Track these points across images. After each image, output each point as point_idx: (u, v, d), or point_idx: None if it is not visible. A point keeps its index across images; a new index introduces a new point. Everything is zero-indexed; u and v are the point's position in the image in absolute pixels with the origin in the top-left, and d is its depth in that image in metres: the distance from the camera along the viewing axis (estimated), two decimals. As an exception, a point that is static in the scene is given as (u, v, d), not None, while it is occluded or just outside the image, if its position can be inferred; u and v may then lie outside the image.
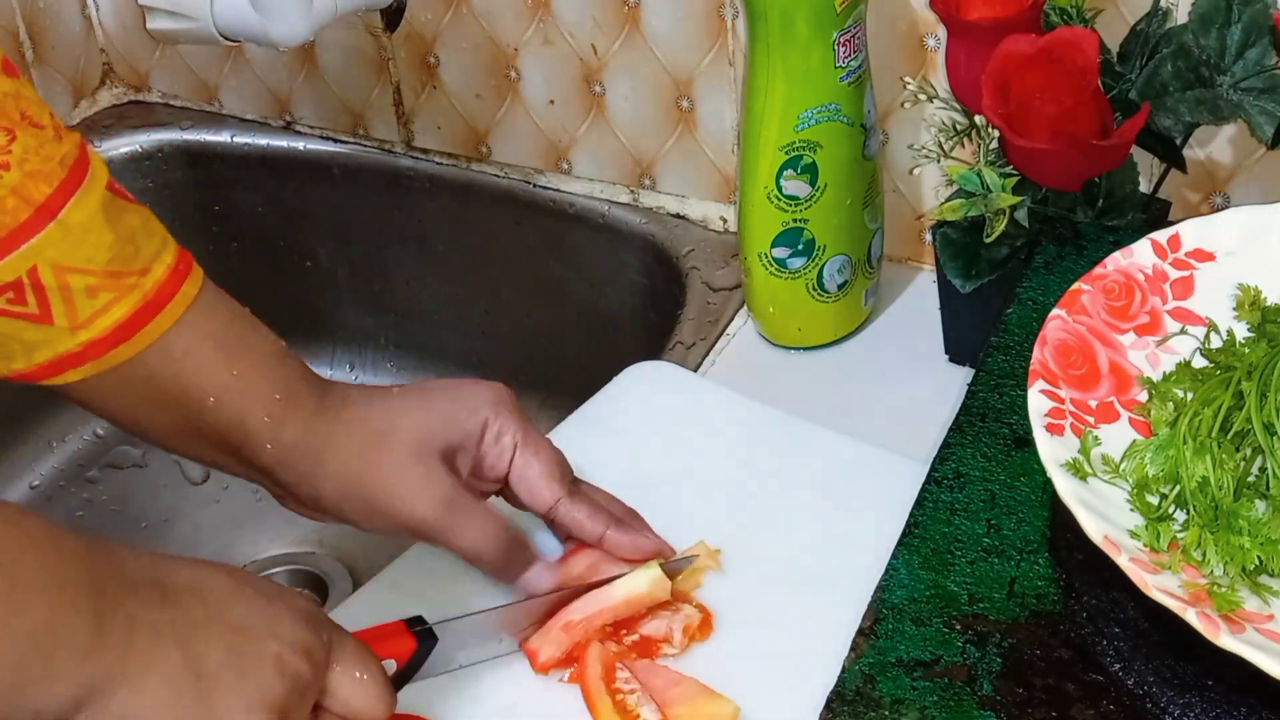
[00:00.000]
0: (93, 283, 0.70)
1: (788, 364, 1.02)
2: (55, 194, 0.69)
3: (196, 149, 1.36)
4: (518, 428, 0.77)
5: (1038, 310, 0.78)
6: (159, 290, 0.72)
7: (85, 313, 0.71)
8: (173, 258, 0.74)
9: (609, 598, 0.75)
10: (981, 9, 0.87)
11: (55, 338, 0.71)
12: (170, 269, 0.73)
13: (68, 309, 0.70)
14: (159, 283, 0.72)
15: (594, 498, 0.79)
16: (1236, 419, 0.64)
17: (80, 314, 0.71)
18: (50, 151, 0.69)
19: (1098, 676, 0.62)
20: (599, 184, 1.21)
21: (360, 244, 1.33)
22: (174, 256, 0.74)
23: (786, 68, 0.91)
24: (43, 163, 0.69)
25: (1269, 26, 0.83)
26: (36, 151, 0.69)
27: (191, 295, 0.74)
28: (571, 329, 1.25)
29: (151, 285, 0.72)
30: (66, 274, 0.70)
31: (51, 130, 0.70)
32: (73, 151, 0.71)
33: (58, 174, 0.70)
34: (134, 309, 0.72)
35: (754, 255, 0.99)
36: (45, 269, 0.69)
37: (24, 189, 0.68)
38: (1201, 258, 0.73)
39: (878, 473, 0.84)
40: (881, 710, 0.62)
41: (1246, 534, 0.61)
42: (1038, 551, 0.68)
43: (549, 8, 1.13)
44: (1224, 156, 0.95)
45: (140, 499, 1.28)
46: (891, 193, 1.05)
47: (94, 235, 0.70)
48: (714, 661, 0.74)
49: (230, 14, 1.07)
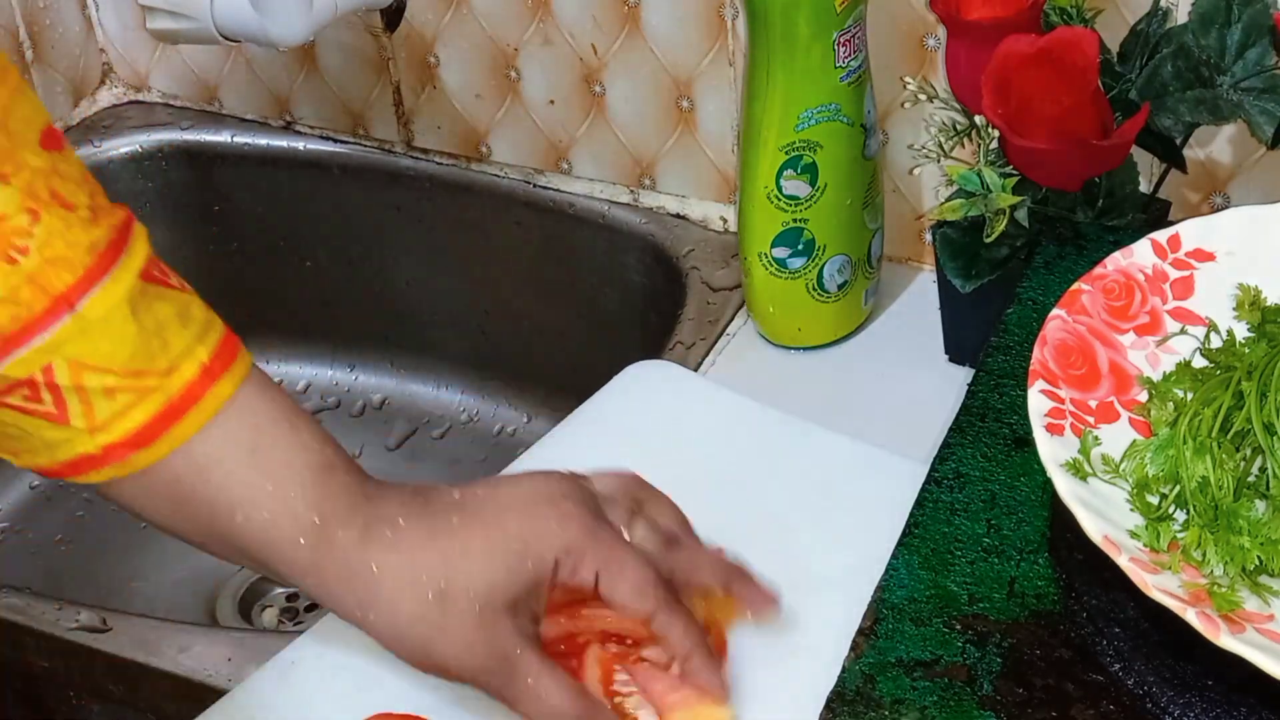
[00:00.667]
0: (111, 383, 0.64)
1: (788, 364, 1.02)
2: (77, 284, 0.63)
3: (196, 149, 1.36)
4: (595, 557, 0.70)
5: (1038, 310, 0.78)
6: (185, 392, 0.66)
7: (103, 415, 0.65)
8: (209, 353, 0.67)
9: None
10: (981, 9, 0.87)
11: (74, 438, 0.65)
12: (202, 367, 0.66)
13: (85, 410, 0.65)
14: (186, 384, 0.66)
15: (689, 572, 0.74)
16: (1236, 419, 0.64)
17: (98, 416, 0.65)
18: (77, 237, 0.64)
19: (1098, 676, 0.62)
20: (599, 184, 1.21)
21: (360, 244, 1.33)
22: (210, 352, 0.67)
23: (786, 68, 0.91)
24: (67, 249, 0.63)
25: (1269, 26, 0.83)
26: (62, 236, 0.63)
27: (225, 396, 0.67)
28: (571, 329, 1.25)
29: (178, 387, 0.66)
30: (83, 372, 0.64)
31: (86, 211, 0.64)
32: (105, 236, 0.65)
33: (83, 261, 0.64)
34: (155, 413, 0.65)
35: (754, 255, 0.99)
36: (61, 366, 0.64)
37: (42, 277, 0.63)
38: (1201, 258, 0.73)
39: (878, 473, 0.84)
40: (881, 710, 0.62)
41: (1246, 534, 0.61)
42: (1038, 551, 0.68)
43: (549, 8, 1.14)
44: (1224, 156, 0.95)
45: (140, 499, 1.28)
46: (891, 193, 1.05)
47: (115, 330, 0.64)
48: (714, 661, 0.74)
49: (230, 14, 1.07)
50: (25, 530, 1.26)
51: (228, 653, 0.85)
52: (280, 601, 1.20)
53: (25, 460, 0.67)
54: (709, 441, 0.89)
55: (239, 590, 1.20)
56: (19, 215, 0.62)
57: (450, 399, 1.34)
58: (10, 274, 0.62)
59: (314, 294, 1.37)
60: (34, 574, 1.20)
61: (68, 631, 0.88)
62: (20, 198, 0.62)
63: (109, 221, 0.65)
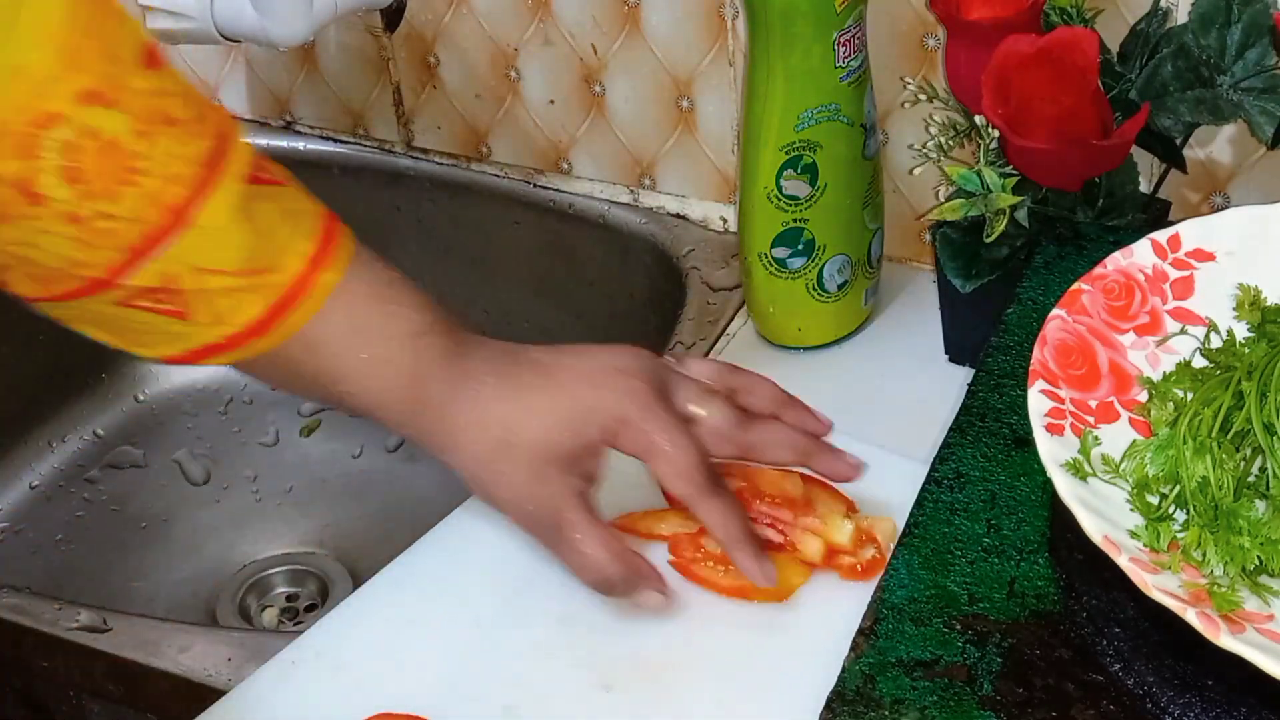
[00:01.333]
0: (229, 283, 0.71)
1: (788, 364, 1.02)
2: (191, 196, 0.69)
3: (196, 149, 1.35)
4: (643, 431, 0.74)
5: (1038, 310, 0.78)
6: (294, 285, 0.72)
7: (224, 310, 0.71)
8: (313, 245, 0.73)
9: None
10: (981, 9, 0.87)
11: (198, 331, 0.72)
12: (308, 259, 0.73)
13: (208, 306, 0.71)
14: (295, 277, 0.72)
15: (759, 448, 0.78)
16: (1236, 419, 0.64)
17: (220, 311, 0.71)
18: (185, 151, 0.69)
19: (1098, 676, 0.62)
20: (599, 184, 1.21)
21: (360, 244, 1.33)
22: (314, 242, 0.73)
23: (786, 68, 0.91)
24: (178, 164, 0.68)
25: (1269, 26, 0.83)
26: (170, 152, 0.68)
27: (330, 284, 0.73)
28: (571, 329, 1.25)
29: (288, 280, 0.72)
30: (204, 275, 0.70)
31: (192, 124, 0.69)
32: (209, 146, 0.70)
33: (194, 175, 0.69)
34: (270, 305, 0.72)
35: (754, 255, 0.99)
36: (185, 272, 0.70)
37: (160, 194, 0.68)
38: (1201, 258, 0.73)
39: (878, 472, 0.84)
40: (881, 710, 0.62)
41: (1246, 534, 0.61)
42: (1038, 551, 0.68)
43: (549, 8, 1.14)
44: (1224, 156, 0.95)
45: (140, 499, 1.28)
46: (891, 193, 1.05)
47: (228, 235, 0.70)
48: (713, 661, 0.74)
49: (230, 14, 1.07)
50: (25, 530, 1.26)
51: (228, 653, 0.85)
52: (280, 601, 1.21)
53: (149, 351, 0.73)
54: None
55: (239, 590, 1.20)
56: (132, 139, 0.67)
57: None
58: (131, 194, 0.67)
59: (314, 294, 1.37)
60: (34, 574, 1.20)
61: (68, 631, 0.88)
62: (131, 121, 0.67)
63: (211, 129, 0.71)
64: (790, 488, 0.80)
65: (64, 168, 0.65)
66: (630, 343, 1.16)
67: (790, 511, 0.79)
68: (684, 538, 0.79)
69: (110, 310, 0.70)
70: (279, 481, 1.29)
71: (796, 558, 0.78)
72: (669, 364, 0.79)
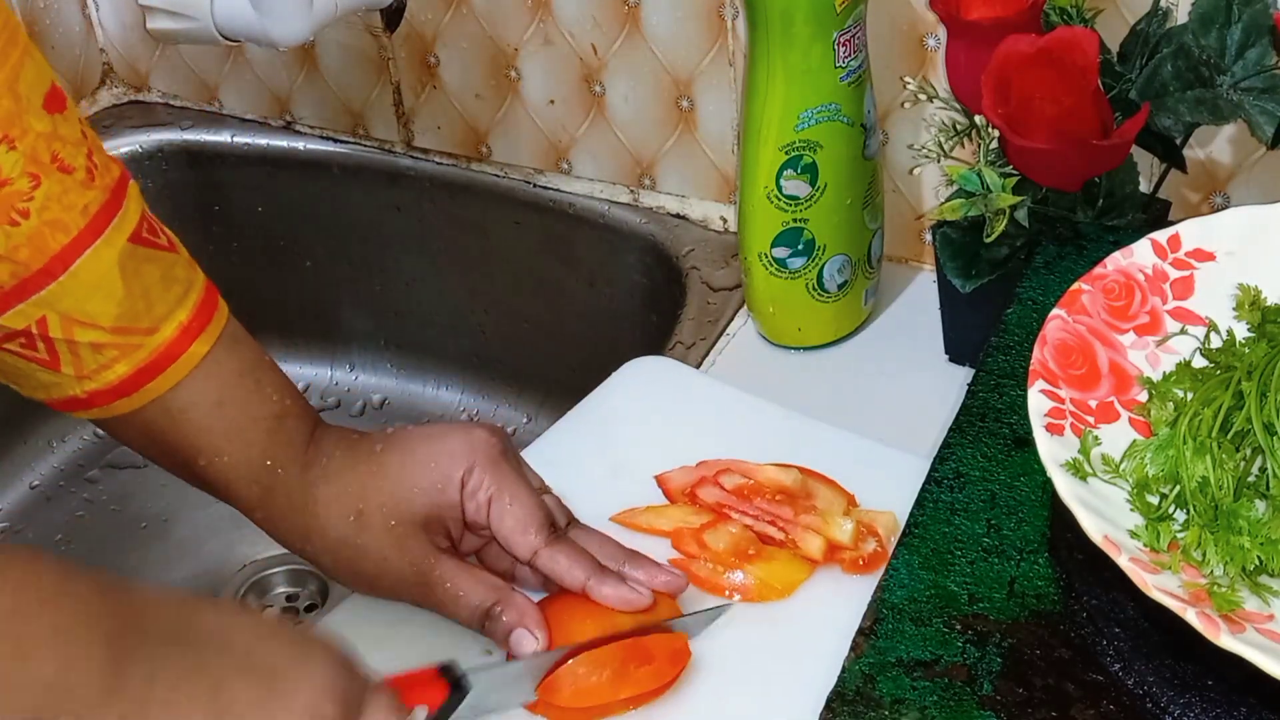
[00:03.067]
0: (98, 338, 0.71)
1: (788, 364, 1.02)
2: (71, 245, 0.69)
3: (196, 149, 1.36)
4: (492, 481, 0.74)
5: (1038, 310, 0.78)
6: (164, 350, 0.72)
7: (90, 366, 0.71)
8: (188, 314, 0.73)
9: None
10: (981, 9, 0.87)
11: (64, 382, 0.72)
12: (181, 327, 0.73)
13: (74, 360, 0.71)
14: (166, 342, 0.72)
15: (580, 544, 0.76)
16: (1236, 419, 0.64)
17: (86, 366, 0.71)
18: (74, 200, 0.68)
19: (1098, 676, 0.62)
20: (599, 184, 1.21)
21: (360, 244, 1.33)
22: (190, 312, 0.73)
23: (786, 68, 0.91)
24: (63, 211, 0.68)
25: (1269, 26, 0.83)
26: (59, 199, 0.68)
27: (200, 355, 0.73)
28: (571, 329, 1.25)
29: (158, 345, 0.72)
30: (74, 327, 0.70)
31: (83, 173, 0.69)
32: (99, 198, 0.70)
33: (77, 224, 0.69)
34: (136, 368, 0.72)
35: (754, 255, 0.99)
36: (54, 320, 0.69)
37: (40, 238, 0.68)
38: (1201, 258, 0.73)
39: (877, 467, 0.84)
40: (881, 710, 0.62)
41: (1246, 534, 0.61)
42: (1038, 551, 0.68)
43: (549, 8, 1.14)
44: (1224, 156, 0.95)
45: (140, 499, 1.28)
46: (891, 193, 1.05)
47: (105, 289, 0.70)
48: (712, 660, 0.74)
49: (230, 14, 1.07)
50: (25, 530, 1.26)
51: (228, 653, 0.84)
52: (280, 601, 1.21)
53: (26, 392, 0.74)
54: (709, 435, 0.89)
55: (239, 590, 1.20)
56: (21, 179, 0.66)
57: (450, 399, 1.34)
58: (11, 234, 0.67)
59: (314, 294, 1.37)
60: (34, 574, 1.19)
61: (68, 631, 0.88)
62: (24, 162, 0.66)
63: (103, 183, 0.70)
64: (789, 482, 0.80)
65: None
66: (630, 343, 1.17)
67: (790, 509, 0.79)
68: (686, 532, 0.79)
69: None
70: (279, 481, 1.29)
71: (798, 554, 0.78)
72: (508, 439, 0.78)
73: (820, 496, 0.80)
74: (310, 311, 1.37)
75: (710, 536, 0.78)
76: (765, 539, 0.79)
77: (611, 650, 0.71)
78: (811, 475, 0.82)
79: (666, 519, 0.81)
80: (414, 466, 0.74)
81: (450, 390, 1.35)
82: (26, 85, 0.67)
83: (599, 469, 0.84)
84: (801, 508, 0.79)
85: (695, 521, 0.80)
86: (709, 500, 0.81)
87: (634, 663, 0.71)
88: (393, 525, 0.73)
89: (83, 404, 0.73)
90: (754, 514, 0.79)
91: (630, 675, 0.71)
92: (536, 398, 1.30)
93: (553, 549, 0.74)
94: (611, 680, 0.70)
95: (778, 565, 0.77)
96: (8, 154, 0.66)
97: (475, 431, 0.75)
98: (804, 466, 0.82)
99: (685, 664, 0.72)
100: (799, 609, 0.77)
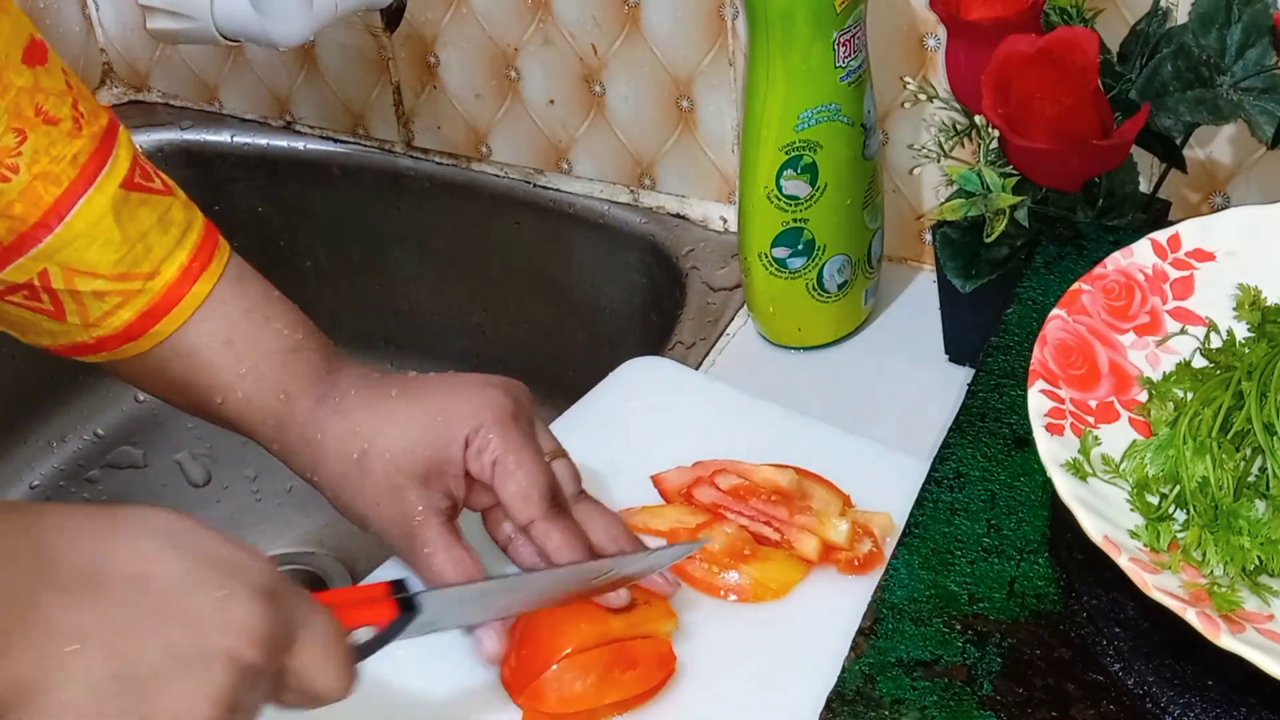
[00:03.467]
0: (100, 286, 0.71)
1: (788, 364, 1.02)
2: (64, 196, 0.69)
3: (196, 149, 1.36)
4: (499, 443, 0.73)
5: (1038, 310, 0.78)
6: (167, 293, 0.73)
7: (95, 313, 0.72)
8: (188, 254, 0.74)
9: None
10: (981, 9, 0.87)
11: (71, 330, 0.73)
12: (181, 269, 0.73)
13: (79, 308, 0.72)
14: (167, 285, 0.73)
15: (584, 520, 0.75)
16: (1236, 419, 0.64)
17: (90, 314, 0.72)
18: (61, 151, 0.69)
19: (1098, 676, 0.62)
20: (599, 184, 1.21)
21: (360, 244, 1.33)
22: (189, 253, 0.74)
23: (786, 68, 0.91)
24: (52, 163, 0.69)
25: (1269, 26, 0.83)
26: (47, 151, 0.68)
27: (203, 294, 0.74)
28: (571, 329, 1.25)
29: (159, 288, 0.73)
30: (75, 277, 0.70)
31: (70, 123, 0.69)
32: (89, 146, 0.70)
33: (67, 174, 0.69)
34: (140, 312, 0.73)
35: (754, 255, 0.99)
36: (55, 272, 0.70)
37: (33, 192, 0.68)
38: (1201, 258, 0.73)
39: (875, 466, 0.84)
40: (881, 710, 0.62)
41: (1246, 534, 0.61)
42: (1038, 551, 0.68)
43: (549, 8, 1.13)
44: (1224, 156, 0.95)
45: (140, 499, 1.28)
46: (891, 193, 1.05)
47: (102, 238, 0.70)
48: (712, 660, 0.74)
49: (230, 14, 1.07)
50: (25, 530, 1.25)
51: (228, 653, 0.84)
52: (280, 601, 1.20)
53: (30, 340, 0.74)
54: (706, 435, 0.89)
55: (239, 590, 1.20)
56: (7, 135, 0.67)
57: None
58: (4, 191, 0.67)
59: (314, 294, 1.36)
60: (34, 574, 1.19)
61: (67, 631, 0.88)
62: (7, 118, 0.67)
63: (91, 131, 0.71)
64: (785, 483, 0.80)
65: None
66: (630, 343, 1.17)
67: (786, 509, 0.79)
68: (682, 533, 0.79)
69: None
70: (279, 481, 1.28)
71: (793, 555, 0.78)
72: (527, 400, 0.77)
73: (816, 497, 0.80)
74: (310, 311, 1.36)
75: (706, 535, 0.78)
76: (761, 539, 0.78)
77: (596, 655, 0.71)
78: (807, 476, 0.82)
79: (662, 519, 0.81)
80: (421, 418, 0.73)
81: (450, 390, 1.34)
82: (4, 40, 0.67)
83: (595, 469, 0.84)
84: (797, 508, 0.79)
85: (691, 522, 0.80)
86: (705, 500, 0.81)
87: (619, 667, 0.71)
88: (391, 473, 0.73)
89: (90, 348, 0.73)
90: (749, 514, 0.79)
91: (615, 680, 0.70)
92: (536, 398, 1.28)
93: (549, 523, 0.73)
94: (596, 685, 0.70)
95: (773, 566, 0.77)
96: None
97: (489, 390, 0.74)
98: (799, 467, 0.82)
99: (672, 669, 0.72)
100: (794, 609, 0.77)
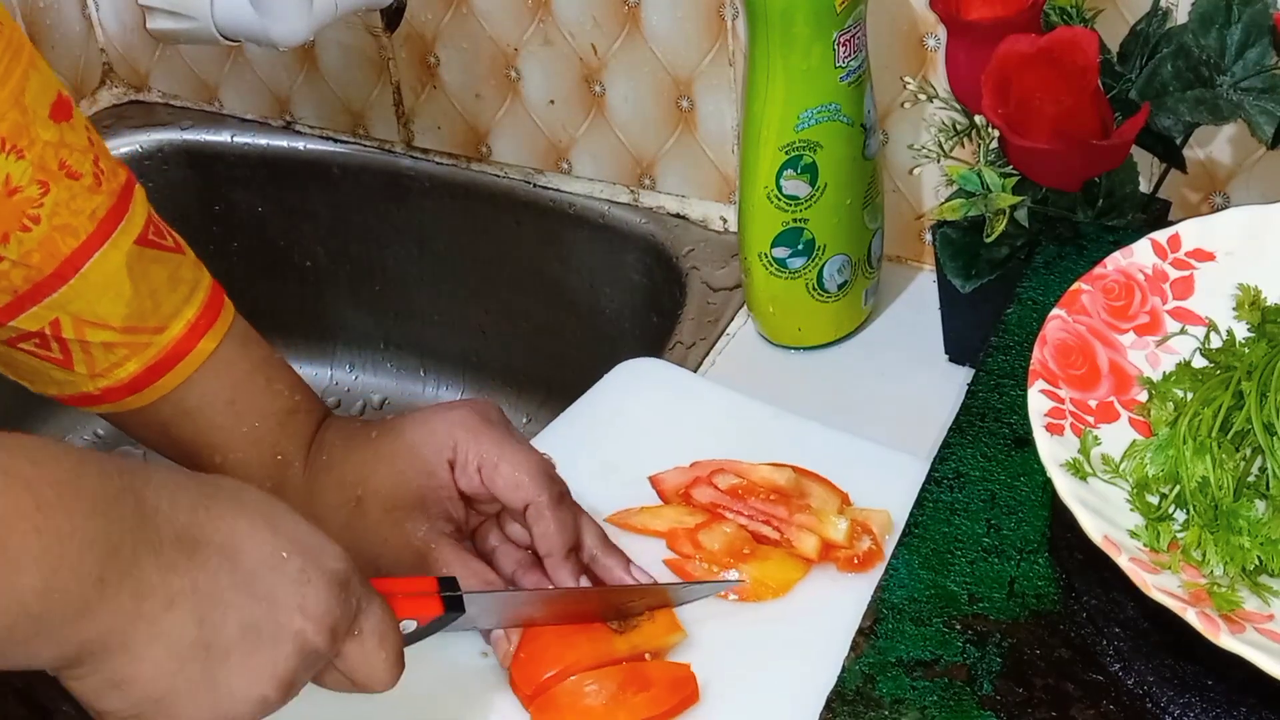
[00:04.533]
0: (109, 338, 0.73)
1: (788, 364, 1.02)
2: (80, 249, 0.71)
3: (196, 149, 1.36)
4: (477, 450, 0.75)
5: (1038, 310, 0.78)
6: (173, 348, 0.75)
7: (102, 364, 0.74)
8: (195, 312, 0.75)
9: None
10: (981, 9, 0.87)
11: (77, 380, 0.74)
12: (189, 325, 0.75)
13: (86, 359, 0.73)
14: (174, 340, 0.75)
15: (576, 521, 0.76)
16: (1236, 419, 0.64)
17: (98, 365, 0.74)
18: (81, 205, 0.71)
19: (1098, 676, 0.62)
20: (599, 184, 1.21)
21: (360, 244, 1.33)
22: (196, 310, 0.75)
23: (786, 68, 0.91)
24: (72, 216, 0.70)
25: (1269, 26, 0.83)
26: (68, 205, 0.70)
27: (207, 352, 0.76)
28: (571, 329, 1.25)
29: (166, 342, 0.74)
30: (85, 327, 0.72)
31: (90, 179, 0.71)
32: (106, 202, 0.72)
33: (85, 228, 0.71)
34: (146, 366, 0.74)
35: (754, 255, 0.99)
36: (66, 321, 0.72)
37: (51, 243, 0.70)
38: (1201, 258, 0.73)
39: (873, 467, 0.84)
40: (881, 710, 0.62)
41: (1246, 534, 0.61)
42: (1038, 551, 0.68)
43: (549, 8, 1.13)
44: (1224, 156, 0.95)
45: (140, 499, 1.28)
46: (891, 193, 1.05)
47: (114, 291, 0.72)
48: (711, 661, 0.74)
49: (230, 14, 1.07)
50: (25, 530, 1.25)
51: (228, 652, 0.84)
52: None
53: (39, 389, 0.76)
54: (702, 436, 0.89)
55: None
56: (31, 187, 0.69)
57: (450, 399, 1.34)
58: (24, 240, 0.69)
59: (314, 294, 1.37)
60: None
61: (68, 631, 0.88)
62: (33, 171, 0.69)
63: (110, 187, 0.73)
64: (783, 482, 0.80)
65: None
66: (630, 343, 1.17)
67: (784, 508, 0.79)
68: (681, 533, 0.79)
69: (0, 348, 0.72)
70: (279, 481, 1.29)
71: (793, 553, 0.78)
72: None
73: (814, 495, 0.80)
74: (310, 311, 1.37)
75: (705, 537, 0.78)
76: (760, 538, 0.79)
77: (608, 673, 0.71)
78: (805, 474, 0.82)
79: (661, 520, 0.81)
80: (404, 452, 0.76)
81: (450, 390, 1.34)
82: (32, 97, 0.69)
83: (592, 471, 0.84)
84: (796, 507, 0.79)
85: (690, 522, 0.80)
86: (703, 500, 0.81)
87: (631, 688, 0.71)
88: (389, 509, 0.75)
89: (95, 400, 0.75)
90: (748, 514, 0.79)
91: (626, 701, 0.71)
92: (536, 398, 1.30)
93: (543, 507, 0.75)
94: (607, 705, 0.70)
95: (773, 565, 0.77)
96: (17, 163, 0.68)
97: (455, 411, 0.77)
98: (797, 466, 0.82)
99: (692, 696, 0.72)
100: (794, 608, 0.77)
